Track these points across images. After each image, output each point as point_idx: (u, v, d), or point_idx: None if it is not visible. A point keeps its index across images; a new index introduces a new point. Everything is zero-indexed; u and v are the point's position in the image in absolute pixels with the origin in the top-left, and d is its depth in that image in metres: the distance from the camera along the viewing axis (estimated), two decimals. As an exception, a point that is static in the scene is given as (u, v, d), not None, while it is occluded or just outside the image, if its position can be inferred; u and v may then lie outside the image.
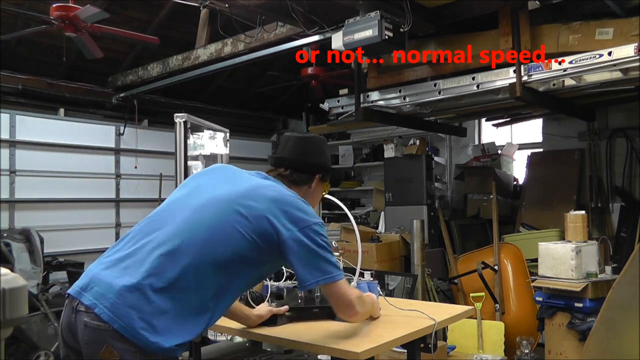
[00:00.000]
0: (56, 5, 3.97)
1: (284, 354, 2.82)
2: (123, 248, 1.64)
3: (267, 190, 1.71)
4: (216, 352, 2.78)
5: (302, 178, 1.89)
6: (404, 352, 2.17)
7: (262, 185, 1.74)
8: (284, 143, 1.95)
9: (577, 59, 3.40)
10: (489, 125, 6.16)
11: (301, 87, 7.13)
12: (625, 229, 4.76)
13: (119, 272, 1.56)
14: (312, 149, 1.94)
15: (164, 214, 1.72)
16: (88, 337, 1.51)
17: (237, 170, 1.86)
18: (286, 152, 1.91)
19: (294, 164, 1.88)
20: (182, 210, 1.68)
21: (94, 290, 1.53)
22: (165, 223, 1.66)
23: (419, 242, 4.29)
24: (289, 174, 1.87)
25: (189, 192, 1.77)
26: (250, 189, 1.70)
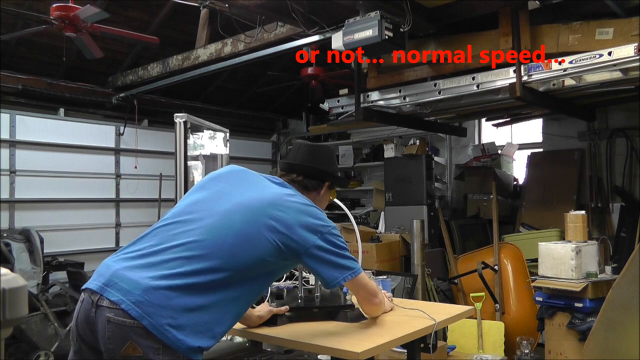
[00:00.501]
0: (56, 5, 3.98)
1: (284, 354, 2.82)
2: (146, 246, 1.65)
3: (291, 200, 1.78)
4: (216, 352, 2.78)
5: (313, 184, 1.97)
6: (404, 352, 2.18)
7: (286, 194, 1.81)
8: (296, 150, 2.04)
9: (577, 59, 3.40)
10: (489, 125, 6.16)
11: (301, 87, 7.13)
12: (625, 229, 4.76)
13: (145, 270, 1.58)
14: (323, 157, 2.04)
15: (188, 216, 1.72)
16: (111, 332, 1.52)
17: (255, 175, 1.91)
18: (299, 159, 2.00)
19: (306, 170, 1.97)
20: (209, 214, 1.70)
21: (118, 286, 1.54)
22: (191, 224, 1.68)
23: (419, 242, 4.29)
24: (300, 180, 1.95)
25: (211, 196, 1.78)
26: (276, 197, 1.76)
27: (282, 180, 1.91)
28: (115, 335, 1.51)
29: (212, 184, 1.86)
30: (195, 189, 1.87)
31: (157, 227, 1.72)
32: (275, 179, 1.91)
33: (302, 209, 1.76)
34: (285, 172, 1.97)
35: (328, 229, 1.76)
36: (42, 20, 4.18)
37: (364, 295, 1.90)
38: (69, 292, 4.64)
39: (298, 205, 1.76)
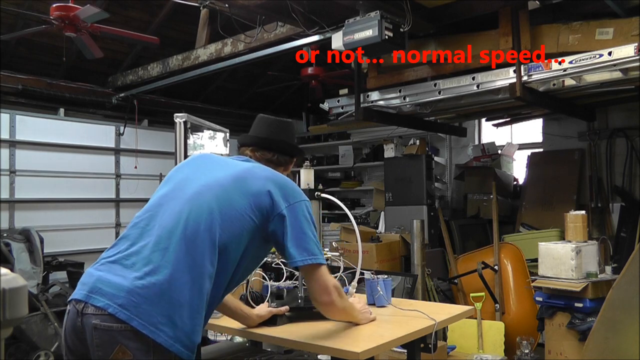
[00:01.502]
0: (56, 5, 3.97)
1: (284, 354, 2.82)
2: (123, 248, 1.61)
3: (259, 170, 1.75)
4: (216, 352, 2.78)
5: (284, 160, 1.94)
6: (404, 352, 2.18)
7: (254, 166, 1.78)
8: (266, 125, 1.97)
9: (577, 59, 3.40)
10: (489, 125, 6.16)
11: (301, 87, 7.13)
12: (625, 229, 4.76)
13: (126, 271, 1.54)
14: (291, 131, 2.02)
15: (157, 209, 1.67)
16: (99, 339, 1.48)
17: (220, 157, 1.88)
18: (271, 134, 1.94)
19: (278, 145, 1.92)
20: (178, 202, 1.65)
21: (103, 291, 1.51)
22: (162, 216, 1.63)
23: (419, 242, 4.29)
24: (271, 155, 1.90)
25: (178, 184, 1.73)
26: (244, 170, 1.73)
27: (248, 158, 1.88)
28: (104, 342, 1.48)
29: (176, 173, 1.81)
30: (162, 184, 1.82)
31: (131, 226, 1.67)
32: (240, 157, 1.88)
33: (272, 176, 1.74)
34: (256, 147, 1.91)
35: (302, 199, 1.73)
36: (42, 20, 4.18)
37: (316, 289, 1.73)
38: (69, 292, 4.64)
39: (267, 173, 1.74)
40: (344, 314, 1.89)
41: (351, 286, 2.18)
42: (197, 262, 1.55)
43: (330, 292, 1.74)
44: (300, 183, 2.31)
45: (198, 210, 1.61)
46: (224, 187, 1.66)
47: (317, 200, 2.26)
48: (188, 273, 1.54)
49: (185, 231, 1.57)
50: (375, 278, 2.33)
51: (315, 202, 2.26)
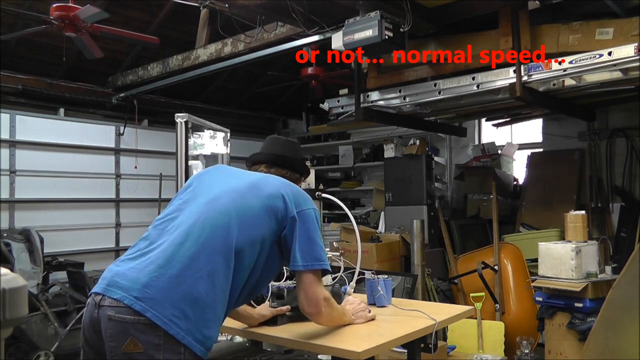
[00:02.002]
0: (56, 5, 3.97)
1: (284, 354, 2.82)
2: (141, 247, 1.68)
3: (273, 179, 1.85)
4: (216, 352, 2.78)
5: (295, 178, 2.02)
6: (404, 352, 2.17)
7: (267, 176, 1.88)
8: (280, 144, 2.06)
9: (577, 59, 3.39)
10: (489, 125, 6.16)
11: (301, 87, 7.13)
12: (625, 229, 4.76)
13: (145, 265, 1.59)
14: (300, 151, 2.12)
15: (177, 213, 1.75)
16: (113, 329, 1.52)
17: (236, 169, 1.95)
18: (284, 152, 2.02)
19: (292, 163, 2.01)
20: (196, 205, 1.73)
21: (120, 284, 1.56)
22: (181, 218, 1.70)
23: (419, 242, 4.29)
24: (285, 172, 1.98)
25: (197, 190, 1.82)
26: (258, 179, 1.82)
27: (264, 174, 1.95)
28: (117, 333, 1.52)
29: (196, 181, 1.89)
30: (181, 190, 1.90)
31: (152, 228, 1.75)
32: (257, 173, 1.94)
33: (286, 183, 1.84)
34: (270, 164, 1.99)
35: (312, 207, 1.80)
36: (42, 20, 4.18)
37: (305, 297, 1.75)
38: (69, 292, 4.64)
39: (281, 181, 1.84)
40: (334, 322, 1.91)
41: (349, 287, 2.18)
42: (213, 259, 1.60)
43: (318, 304, 1.76)
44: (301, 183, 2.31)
45: (215, 212, 1.68)
46: (241, 192, 1.74)
47: (318, 200, 2.26)
48: (203, 269, 1.58)
49: (202, 230, 1.64)
50: (375, 278, 2.33)
51: (316, 202, 2.26)
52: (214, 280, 1.59)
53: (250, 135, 7.86)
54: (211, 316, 1.58)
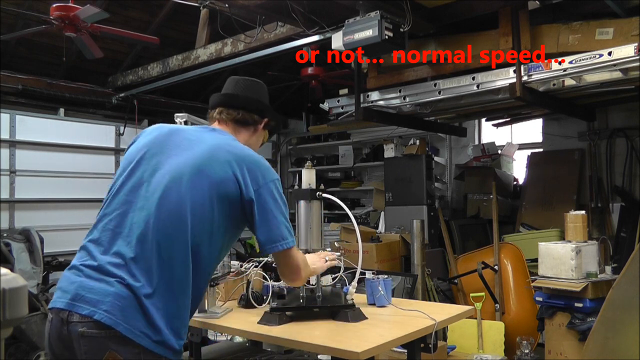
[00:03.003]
0: (56, 5, 3.97)
1: (284, 354, 2.82)
2: (98, 253, 1.57)
3: (224, 153, 1.66)
4: (216, 352, 2.78)
5: (252, 119, 1.87)
6: (404, 352, 2.17)
7: (218, 146, 1.69)
8: (234, 83, 1.93)
9: (577, 59, 3.39)
10: (489, 125, 6.16)
11: (301, 87, 7.13)
12: (625, 229, 4.76)
13: (107, 276, 1.51)
14: (262, 90, 1.96)
15: (126, 207, 1.61)
16: (87, 346, 1.47)
17: (179, 133, 1.75)
18: (237, 91, 1.89)
19: (246, 102, 1.86)
20: (146, 203, 1.59)
21: (87, 298, 1.49)
22: (132, 219, 1.58)
23: (419, 242, 4.29)
24: (236, 113, 1.84)
25: (141, 171, 1.65)
26: (205, 159, 1.64)
27: (213, 128, 1.81)
28: (92, 349, 1.46)
29: (138, 159, 1.70)
30: (125, 166, 1.71)
31: (102, 228, 1.61)
32: (206, 128, 1.81)
33: (241, 156, 1.66)
34: (222, 107, 1.85)
35: (271, 179, 1.68)
36: (42, 20, 4.18)
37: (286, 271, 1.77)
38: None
39: (233, 153, 1.66)
40: (307, 277, 1.98)
41: (351, 287, 2.18)
42: (173, 267, 1.54)
43: (299, 271, 1.78)
44: (302, 183, 2.31)
45: (167, 213, 1.56)
46: (190, 184, 1.59)
47: (319, 200, 2.26)
48: (166, 279, 1.53)
49: (155, 236, 1.54)
50: (375, 278, 2.33)
51: (316, 202, 2.26)
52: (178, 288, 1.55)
53: (250, 135, 7.85)
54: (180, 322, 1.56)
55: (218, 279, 2.31)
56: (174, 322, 1.53)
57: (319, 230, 2.26)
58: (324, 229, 2.36)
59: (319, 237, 2.26)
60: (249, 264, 2.46)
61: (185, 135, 1.75)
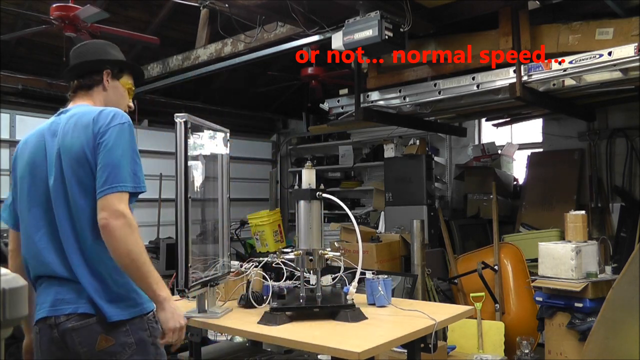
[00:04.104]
0: (56, 5, 3.98)
1: (284, 354, 2.82)
2: (46, 262, 1.66)
3: (70, 134, 1.69)
4: (216, 352, 2.79)
5: (94, 80, 1.86)
6: (404, 352, 2.18)
7: (64, 132, 1.71)
8: (73, 53, 1.96)
9: (577, 59, 3.39)
10: (489, 125, 6.16)
11: (301, 87, 7.13)
12: (625, 229, 4.76)
13: (66, 268, 1.63)
14: (90, 49, 1.96)
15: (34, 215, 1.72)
16: (81, 337, 1.58)
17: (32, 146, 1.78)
18: (72, 62, 1.91)
19: (77, 69, 1.88)
20: (47, 202, 1.70)
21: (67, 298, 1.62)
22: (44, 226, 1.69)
23: (419, 242, 4.29)
24: (79, 82, 1.86)
25: (30, 183, 1.75)
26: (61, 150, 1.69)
27: (62, 110, 1.82)
28: (85, 338, 1.58)
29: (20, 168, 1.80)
30: (15, 180, 1.82)
31: (28, 240, 1.72)
32: (59, 116, 1.80)
33: (84, 126, 1.67)
34: (67, 82, 1.91)
35: (113, 124, 1.67)
36: (42, 20, 4.18)
37: (107, 215, 1.61)
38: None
39: (80, 130, 1.67)
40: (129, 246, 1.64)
41: (352, 287, 2.18)
42: (94, 249, 1.64)
43: (115, 216, 1.62)
44: (302, 183, 2.31)
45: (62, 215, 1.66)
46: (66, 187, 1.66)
47: (319, 200, 2.26)
48: (97, 260, 1.64)
49: (73, 232, 1.65)
50: (375, 278, 2.34)
51: (316, 202, 2.26)
52: (106, 260, 1.64)
53: (250, 136, 7.86)
54: (125, 280, 1.65)
55: (218, 279, 2.31)
56: (120, 281, 1.66)
57: (319, 230, 2.26)
58: (324, 229, 2.36)
59: (319, 237, 2.26)
60: (249, 264, 2.46)
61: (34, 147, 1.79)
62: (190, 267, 2.01)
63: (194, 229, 2.17)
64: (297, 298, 2.20)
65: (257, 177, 7.63)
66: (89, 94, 1.86)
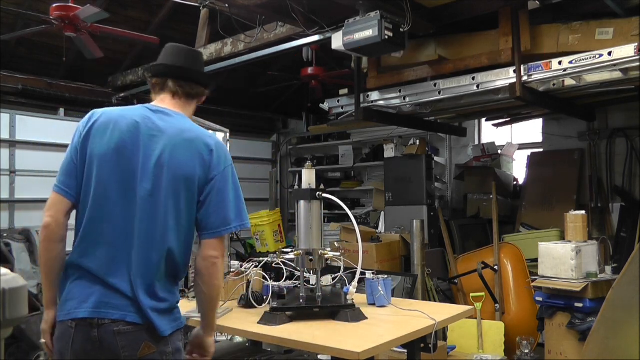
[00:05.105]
0: (56, 5, 3.98)
1: (284, 354, 2.82)
2: (100, 247, 1.66)
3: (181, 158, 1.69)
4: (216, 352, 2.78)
5: (200, 91, 1.89)
6: (404, 352, 2.18)
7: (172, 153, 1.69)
8: (179, 53, 1.88)
9: (577, 59, 3.39)
10: (489, 125, 6.16)
11: (301, 87, 7.13)
12: (625, 229, 4.76)
13: (122, 277, 1.63)
14: (201, 60, 1.97)
15: (114, 206, 1.68)
16: (125, 341, 1.60)
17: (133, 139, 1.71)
18: (188, 63, 1.85)
19: (194, 75, 1.86)
20: (130, 207, 1.67)
21: (112, 304, 1.62)
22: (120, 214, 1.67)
23: (419, 242, 4.29)
24: (190, 87, 1.84)
25: (119, 184, 1.69)
26: (165, 159, 1.68)
27: (163, 109, 1.78)
28: (130, 343, 1.60)
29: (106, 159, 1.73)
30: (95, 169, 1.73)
31: (92, 225, 1.69)
32: (154, 110, 1.77)
33: (201, 150, 1.71)
34: (176, 79, 1.82)
35: (230, 163, 1.75)
36: (42, 20, 4.18)
37: (218, 254, 1.71)
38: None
39: (194, 153, 1.69)
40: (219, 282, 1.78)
41: (352, 287, 2.18)
42: (160, 268, 1.70)
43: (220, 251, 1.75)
44: (302, 183, 2.31)
45: (150, 213, 1.66)
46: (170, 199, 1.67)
47: (319, 200, 2.26)
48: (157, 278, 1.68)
49: (148, 244, 1.67)
50: (375, 278, 2.33)
51: (316, 202, 2.26)
52: (174, 276, 1.76)
53: (250, 136, 7.86)
54: (172, 297, 1.73)
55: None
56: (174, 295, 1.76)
57: (319, 230, 2.26)
58: (324, 229, 2.36)
59: (319, 237, 2.26)
60: (249, 264, 2.46)
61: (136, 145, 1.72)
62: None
63: (194, 229, 2.16)
64: (297, 298, 2.20)
65: (257, 177, 7.63)
66: (187, 103, 1.85)
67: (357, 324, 2.03)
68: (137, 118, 1.74)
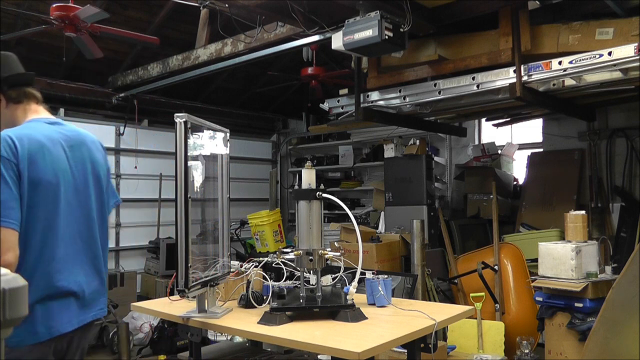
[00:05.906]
0: (56, 5, 3.98)
1: (284, 354, 2.82)
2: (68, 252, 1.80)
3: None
4: (216, 352, 2.78)
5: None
6: (404, 352, 2.18)
7: None
8: (11, 60, 1.94)
9: (577, 59, 3.39)
10: (489, 125, 6.16)
11: (301, 87, 7.13)
12: (625, 229, 4.76)
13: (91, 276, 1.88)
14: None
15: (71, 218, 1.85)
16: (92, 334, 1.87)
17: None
18: (20, 68, 1.94)
19: (31, 78, 1.96)
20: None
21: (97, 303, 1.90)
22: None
23: (419, 242, 4.29)
24: (34, 89, 1.97)
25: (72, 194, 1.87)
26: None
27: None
28: (92, 334, 1.90)
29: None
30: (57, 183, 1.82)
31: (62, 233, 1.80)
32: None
33: None
34: (28, 85, 2.03)
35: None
36: (42, 20, 4.18)
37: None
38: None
39: None
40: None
41: (352, 287, 2.18)
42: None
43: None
44: (302, 183, 2.31)
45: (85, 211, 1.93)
46: None
47: (319, 200, 2.26)
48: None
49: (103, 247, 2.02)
50: (375, 278, 2.33)
51: (316, 202, 2.26)
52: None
53: (250, 136, 7.86)
54: None
55: (218, 279, 2.31)
56: None
57: (319, 230, 2.26)
58: (324, 229, 2.36)
59: (319, 237, 2.26)
60: (249, 264, 2.46)
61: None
62: (190, 267, 2.01)
63: (194, 229, 2.17)
64: (297, 298, 2.20)
65: (257, 177, 7.64)
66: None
67: (357, 324, 2.03)
68: (54, 136, 1.89)
